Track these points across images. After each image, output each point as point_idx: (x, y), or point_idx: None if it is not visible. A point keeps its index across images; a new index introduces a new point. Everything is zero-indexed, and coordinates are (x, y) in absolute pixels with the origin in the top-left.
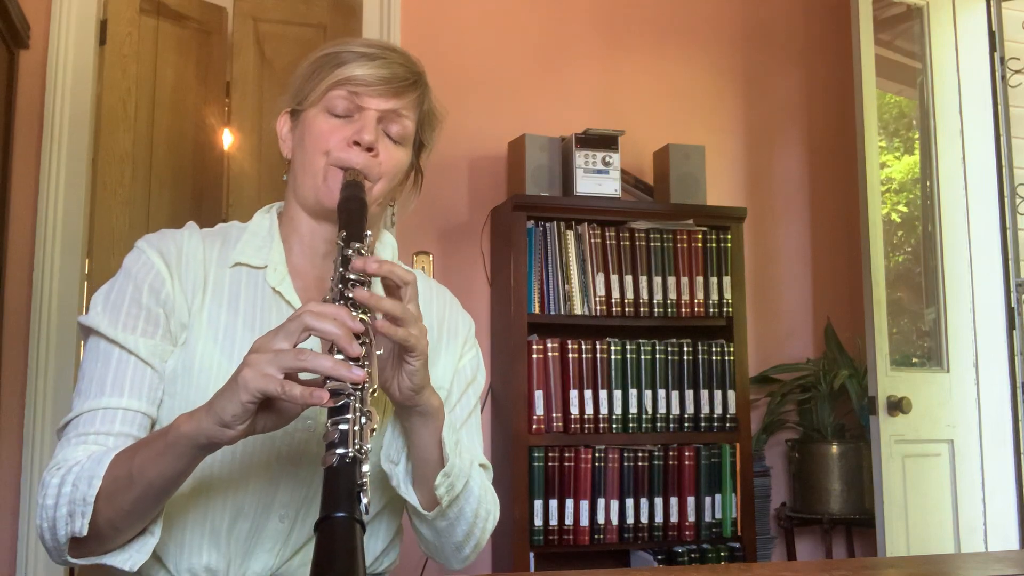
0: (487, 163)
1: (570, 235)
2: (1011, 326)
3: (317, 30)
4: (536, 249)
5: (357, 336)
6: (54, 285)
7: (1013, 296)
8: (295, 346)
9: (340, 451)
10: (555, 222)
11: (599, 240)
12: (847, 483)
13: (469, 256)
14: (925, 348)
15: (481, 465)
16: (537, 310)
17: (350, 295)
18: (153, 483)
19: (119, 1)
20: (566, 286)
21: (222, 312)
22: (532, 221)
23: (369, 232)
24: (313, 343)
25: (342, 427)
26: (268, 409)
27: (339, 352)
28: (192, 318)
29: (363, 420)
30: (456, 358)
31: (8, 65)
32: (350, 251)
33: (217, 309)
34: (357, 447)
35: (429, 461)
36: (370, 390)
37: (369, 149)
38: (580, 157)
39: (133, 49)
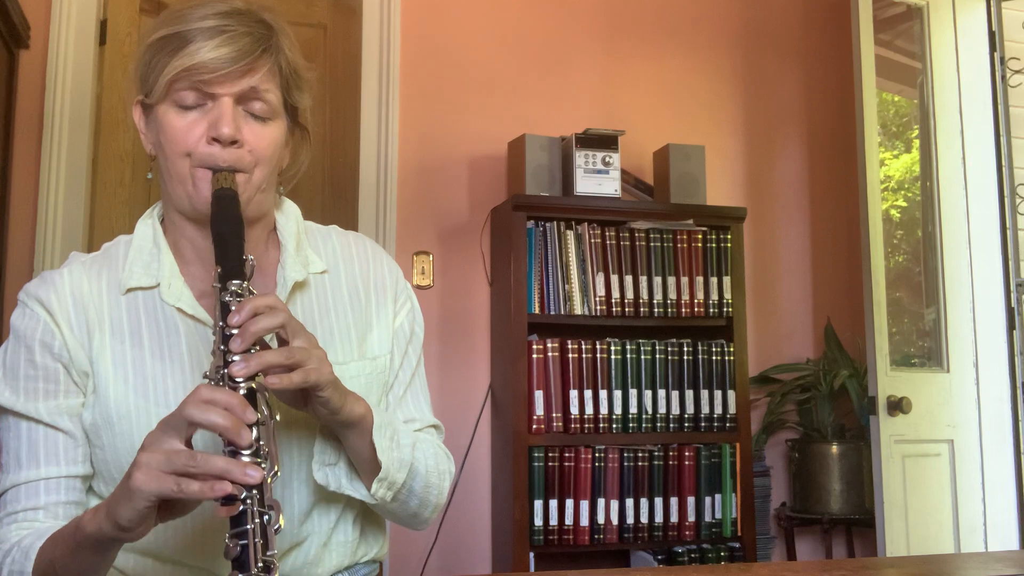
0: (487, 163)
1: (570, 235)
2: (1011, 326)
3: (317, 30)
4: (536, 249)
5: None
6: None
7: (1013, 296)
8: (188, 439)
9: (242, 575)
10: (555, 222)
11: (599, 240)
12: (847, 483)
13: (469, 256)
14: (925, 348)
15: (432, 427)
16: (537, 310)
17: (233, 357)
18: (81, 573)
19: (119, 1)
20: (566, 286)
21: (126, 348)
22: (532, 221)
23: (249, 257)
24: None
25: (242, 542)
26: (167, 504)
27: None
28: (95, 363)
29: (266, 519)
30: (391, 317)
31: (8, 65)
32: (228, 296)
33: (120, 346)
34: (260, 565)
35: (366, 460)
36: (270, 477)
37: (233, 141)
38: (580, 157)
39: (133, 49)
